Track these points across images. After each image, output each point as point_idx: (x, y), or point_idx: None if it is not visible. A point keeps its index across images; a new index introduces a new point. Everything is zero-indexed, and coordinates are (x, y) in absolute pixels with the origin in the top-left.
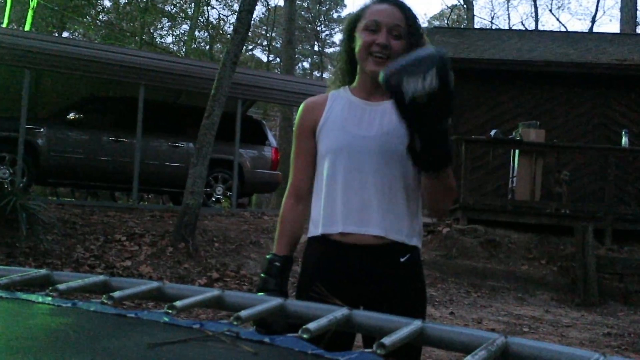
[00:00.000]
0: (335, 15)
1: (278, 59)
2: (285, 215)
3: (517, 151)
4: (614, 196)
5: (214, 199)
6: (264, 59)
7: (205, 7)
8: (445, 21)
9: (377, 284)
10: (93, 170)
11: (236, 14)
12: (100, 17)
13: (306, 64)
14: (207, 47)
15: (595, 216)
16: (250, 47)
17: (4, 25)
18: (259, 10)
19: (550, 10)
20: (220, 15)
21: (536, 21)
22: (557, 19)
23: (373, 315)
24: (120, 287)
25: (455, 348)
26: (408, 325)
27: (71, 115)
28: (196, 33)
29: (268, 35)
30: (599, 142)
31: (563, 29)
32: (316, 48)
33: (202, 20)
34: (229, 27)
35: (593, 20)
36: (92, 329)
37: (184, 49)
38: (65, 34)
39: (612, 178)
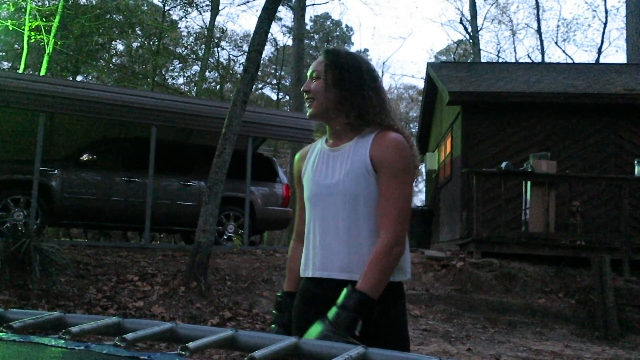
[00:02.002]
0: None
1: (287, 97)
2: (290, 255)
3: (529, 183)
4: (630, 226)
5: (225, 237)
6: (274, 97)
7: (215, 48)
8: (452, 56)
9: None
10: (106, 210)
11: (246, 54)
12: (114, 60)
13: None
14: (218, 87)
15: (612, 247)
16: (260, 85)
17: (20, 71)
18: (268, 50)
19: (556, 43)
20: (230, 56)
21: (542, 54)
22: (564, 51)
23: (390, 354)
24: (132, 329)
25: None
26: None
27: (84, 157)
28: (207, 73)
29: (277, 73)
30: (611, 172)
31: (570, 61)
32: None
33: (212, 61)
34: (239, 67)
35: (599, 52)
36: None
37: (195, 89)
38: (79, 78)
39: (627, 208)
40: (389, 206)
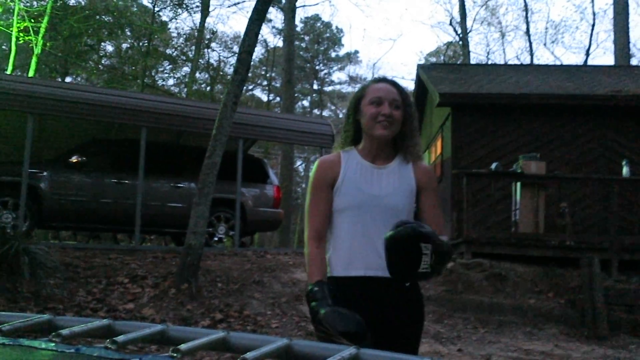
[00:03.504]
0: (333, 55)
1: (278, 98)
2: (315, 251)
3: (518, 184)
4: (618, 226)
5: (216, 239)
6: (264, 98)
7: (205, 50)
8: (442, 58)
9: (389, 308)
10: (95, 212)
11: (236, 55)
12: (103, 61)
13: (306, 103)
14: (208, 88)
15: (601, 247)
16: (251, 87)
17: (8, 72)
18: (259, 51)
19: (545, 45)
20: (221, 57)
21: (531, 55)
22: (552, 53)
23: (381, 354)
24: (123, 331)
25: None
26: None
27: (74, 159)
28: (197, 75)
29: (268, 75)
30: (600, 173)
31: (558, 63)
32: (315, 86)
33: (202, 62)
34: (229, 68)
35: (587, 53)
36: None
37: (185, 91)
38: (68, 79)
39: (616, 208)
40: (438, 216)
